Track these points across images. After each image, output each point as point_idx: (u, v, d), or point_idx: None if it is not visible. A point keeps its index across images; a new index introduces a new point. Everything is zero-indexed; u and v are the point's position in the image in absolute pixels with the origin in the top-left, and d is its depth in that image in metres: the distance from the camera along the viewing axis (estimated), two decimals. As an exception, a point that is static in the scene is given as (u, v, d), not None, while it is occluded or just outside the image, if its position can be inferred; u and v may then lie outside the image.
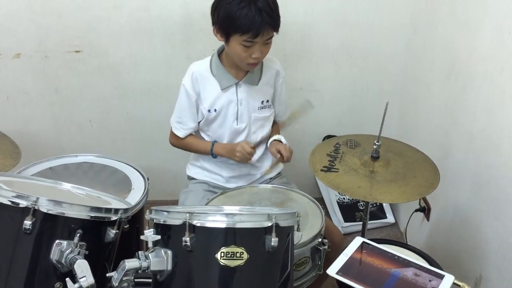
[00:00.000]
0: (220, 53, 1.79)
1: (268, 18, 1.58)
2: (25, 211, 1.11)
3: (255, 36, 1.59)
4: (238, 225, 1.12)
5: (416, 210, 2.28)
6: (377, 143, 1.61)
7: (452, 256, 1.95)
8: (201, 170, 1.92)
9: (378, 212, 2.66)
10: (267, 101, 1.86)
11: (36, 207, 1.11)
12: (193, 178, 1.94)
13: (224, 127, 1.82)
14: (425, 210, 2.24)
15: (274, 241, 1.12)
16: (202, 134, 1.88)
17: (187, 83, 1.78)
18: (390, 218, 2.65)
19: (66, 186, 1.44)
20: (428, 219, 2.23)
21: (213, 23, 1.69)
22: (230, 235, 1.13)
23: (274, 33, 1.66)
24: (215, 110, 1.79)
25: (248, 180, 1.90)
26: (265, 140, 1.88)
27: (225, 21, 1.62)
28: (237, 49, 1.65)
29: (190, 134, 1.87)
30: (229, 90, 1.78)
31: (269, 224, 1.13)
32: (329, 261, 1.37)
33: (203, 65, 1.80)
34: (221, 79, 1.77)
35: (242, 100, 1.79)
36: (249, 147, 1.73)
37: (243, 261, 1.11)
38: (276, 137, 1.86)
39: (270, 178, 1.93)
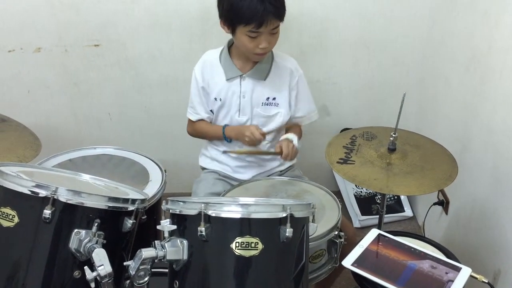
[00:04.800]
0: (230, 44, 1.80)
1: (270, 7, 1.57)
2: (44, 200, 1.13)
3: (259, 26, 1.59)
4: (253, 216, 1.12)
5: (435, 204, 2.26)
6: (393, 135, 1.60)
7: (470, 250, 1.93)
8: (210, 160, 1.95)
9: (396, 205, 2.64)
10: (274, 98, 1.82)
11: (55, 197, 1.13)
12: (204, 168, 1.98)
13: (228, 118, 1.84)
14: (444, 203, 2.21)
15: (288, 231, 1.12)
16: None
17: (197, 70, 1.83)
18: (408, 212, 2.63)
19: (85, 177, 1.46)
20: (446, 213, 2.21)
21: (219, 16, 1.70)
22: (245, 225, 1.13)
23: (280, 23, 1.65)
24: (220, 100, 1.81)
25: (256, 171, 1.90)
26: (274, 131, 1.86)
27: (229, 12, 1.63)
28: (243, 40, 1.65)
29: (203, 120, 1.89)
30: (234, 81, 1.80)
31: (284, 215, 1.13)
32: (343, 255, 1.37)
33: (214, 54, 1.83)
34: (227, 70, 1.79)
35: (245, 93, 1.80)
36: (259, 133, 1.71)
37: (258, 251, 1.11)
38: (288, 135, 1.79)
39: (281, 171, 1.93)
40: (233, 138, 1.84)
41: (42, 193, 1.13)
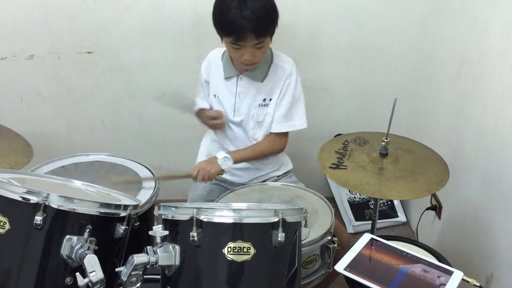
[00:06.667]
0: None
1: (250, 25, 1.56)
2: (36, 207, 1.12)
3: (237, 40, 1.60)
4: (245, 220, 1.12)
5: (428, 209, 2.27)
6: (385, 140, 1.61)
7: (463, 254, 1.93)
8: None
9: (390, 211, 2.64)
10: (270, 99, 1.82)
11: (46, 203, 1.12)
12: None
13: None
14: (437, 208, 2.22)
15: (281, 236, 1.12)
16: None
17: (203, 65, 1.89)
18: (401, 217, 2.64)
19: (77, 183, 1.45)
20: (439, 218, 2.22)
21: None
22: (237, 230, 1.13)
23: (267, 37, 1.65)
24: (218, 97, 1.85)
25: (254, 175, 1.91)
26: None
27: (216, 20, 1.65)
28: (229, 49, 1.69)
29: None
30: (231, 80, 1.82)
31: (276, 220, 1.13)
32: (337, 260, 1.37)
33: (218, 52, 1.87)
34: (226, 69, 1.82)
35: (240, 93, 1.81)
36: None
37: (250, 256, 1.11)
38: (220, 153, 1.78)
39: (277, 176, 1.94)
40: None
41: (33, 199, 1.13)
